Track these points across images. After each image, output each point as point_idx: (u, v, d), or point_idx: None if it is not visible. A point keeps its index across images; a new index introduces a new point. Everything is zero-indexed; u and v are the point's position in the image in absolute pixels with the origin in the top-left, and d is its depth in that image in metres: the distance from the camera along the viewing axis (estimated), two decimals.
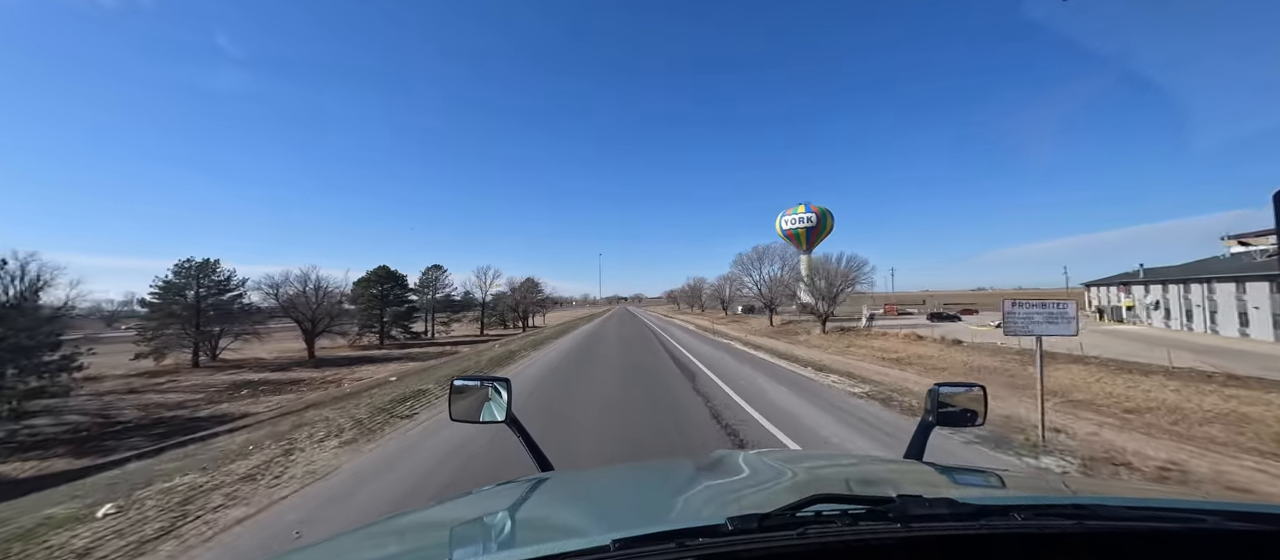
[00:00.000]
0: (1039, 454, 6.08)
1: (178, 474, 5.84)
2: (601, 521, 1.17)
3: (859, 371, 14.92)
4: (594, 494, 1.56)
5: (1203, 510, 0.88)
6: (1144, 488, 2.70)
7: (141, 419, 17.50)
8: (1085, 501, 1.02)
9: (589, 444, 6.70)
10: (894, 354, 23.27)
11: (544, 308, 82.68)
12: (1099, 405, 11.46)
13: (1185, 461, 5.95)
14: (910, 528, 0.79)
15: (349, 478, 5.55)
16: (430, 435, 7.28)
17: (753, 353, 19.85)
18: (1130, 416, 9.91)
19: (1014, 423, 7.47)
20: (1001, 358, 22.38)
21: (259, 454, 6.58)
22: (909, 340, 29.54)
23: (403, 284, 56.88)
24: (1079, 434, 7.16)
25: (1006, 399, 9.78)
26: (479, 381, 1.96)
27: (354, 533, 1.27)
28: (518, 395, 2.40)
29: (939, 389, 1.83)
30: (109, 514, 4.56)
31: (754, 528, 0.78)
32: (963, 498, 0.87)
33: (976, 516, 0.82)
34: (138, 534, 4.08)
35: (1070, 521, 0.84)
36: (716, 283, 69.57)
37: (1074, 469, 5.72)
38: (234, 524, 4.32)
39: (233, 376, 27.47)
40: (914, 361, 20.39)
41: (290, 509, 4.67)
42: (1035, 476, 3.11)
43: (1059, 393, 12.97)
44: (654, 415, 8.37)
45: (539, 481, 1.57)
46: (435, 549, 0.99)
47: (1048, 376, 7.92)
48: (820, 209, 70.56)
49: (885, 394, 10.10)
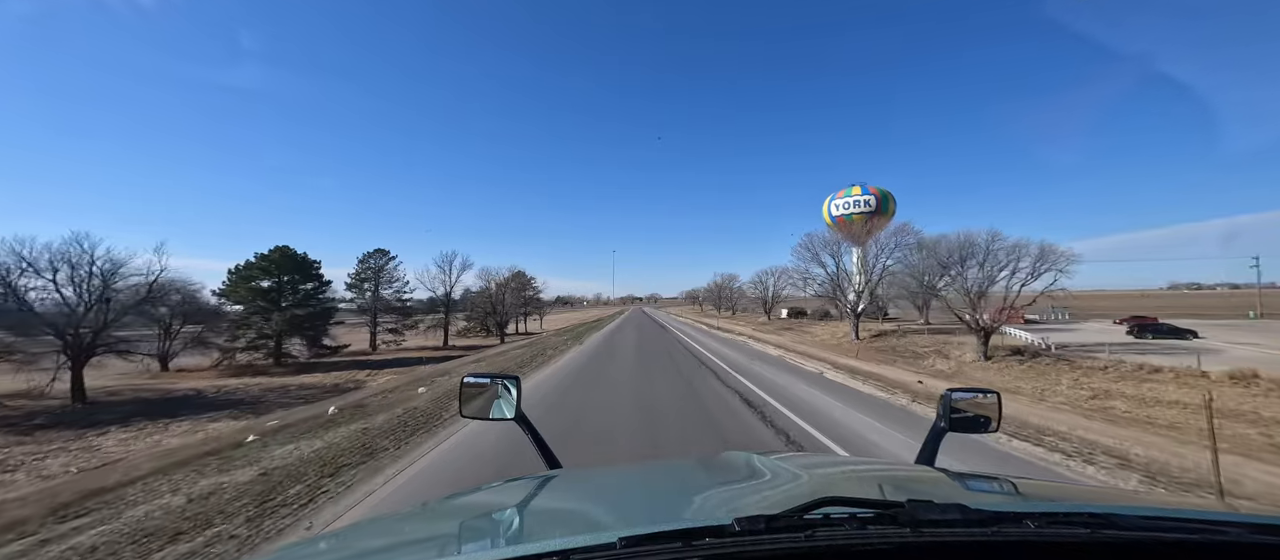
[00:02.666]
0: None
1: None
2: (608, 519, 1.17)
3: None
4: (602, 492, 1.56)
5: (1225, 521, 0.86)
6: (1163, 497, 2.76)
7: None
8: (1101, 510, 0.92)
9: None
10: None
11: (540, 309, 70.12)
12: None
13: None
14: (920, 533, 0.77)
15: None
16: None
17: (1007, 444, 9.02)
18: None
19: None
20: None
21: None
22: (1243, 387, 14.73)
23: (312, 273, 38.44)
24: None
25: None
26: (489, 379, 1.96)
27: (364, 526, 1.37)
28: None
29: (952, 394, 1.84)
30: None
31: (761, 529, 0.77)
32: (975, 504, 0.85)
33: (989, 523, 0.80)
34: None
35: (1085, 530, 0.80)
36: (758, 276, 54.83)
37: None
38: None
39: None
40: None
41: None
42: (1050, 484, 2.49)
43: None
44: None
45: (547, 478, 1.58)
46: (445, 543, 1.03)
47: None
48: (880, 191, 58.76)
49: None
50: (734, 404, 10.14)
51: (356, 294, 45.87)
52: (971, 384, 14.14)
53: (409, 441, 7.55)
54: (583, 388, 12.52)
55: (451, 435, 7.75)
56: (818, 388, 12.51)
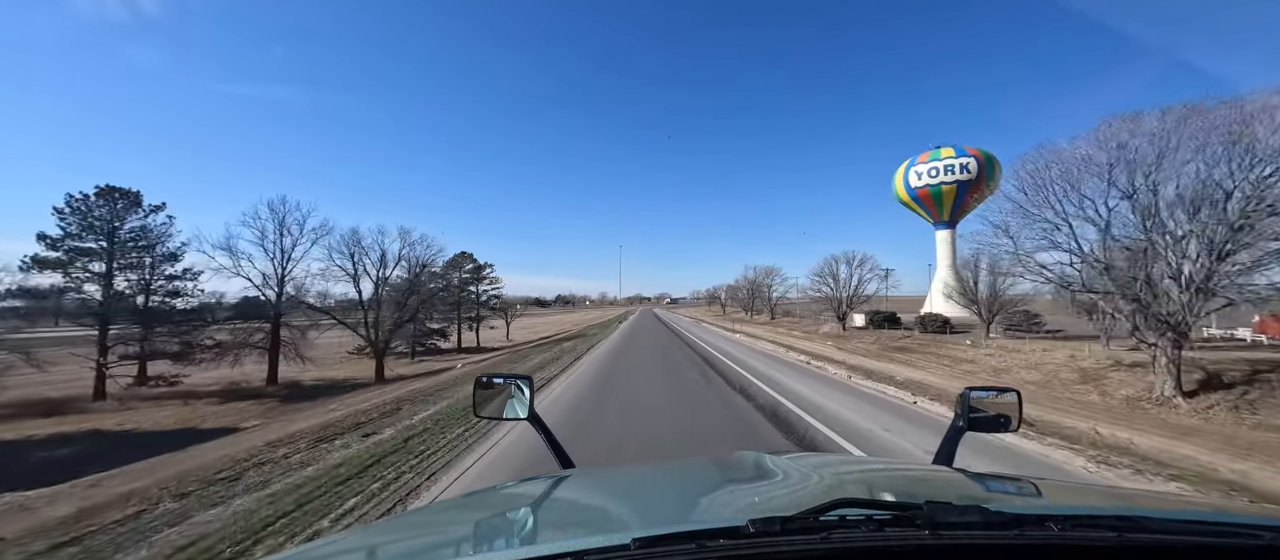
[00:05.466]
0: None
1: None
2: (622, 520, 1.15)
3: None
4: (615, 492, 1.53)
5: (1259, 526, 0.81)
6: (1194, 500, 2.59)
7: None
8: (1129, 513, 0.89)
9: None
10: None
11: (505, 312, 50.50)
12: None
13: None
14: (939, 536, 0.75)
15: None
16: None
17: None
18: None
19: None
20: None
21: None
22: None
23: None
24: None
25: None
26: (503, 379, 2.01)
27: (380, 525, 1.49)
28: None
29: (970, 393, 1.78)
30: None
31: (776, 530, 0.75)
32: (995, 506, 0.82)
33: (1010, 526, 0.77)
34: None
35: (1112, 534, 0.77)
36: (824, 265, 35.89)
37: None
38: None
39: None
40: None
41: None
42: (1074, 486, 2.45)
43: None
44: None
45: (561, 479, 1.57)
46: (460, 543, 1.01)
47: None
48: (982, 152, 43.53)
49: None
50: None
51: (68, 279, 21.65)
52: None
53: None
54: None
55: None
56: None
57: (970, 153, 43.20)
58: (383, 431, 8.95)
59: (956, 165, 43.04)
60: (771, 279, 55.41)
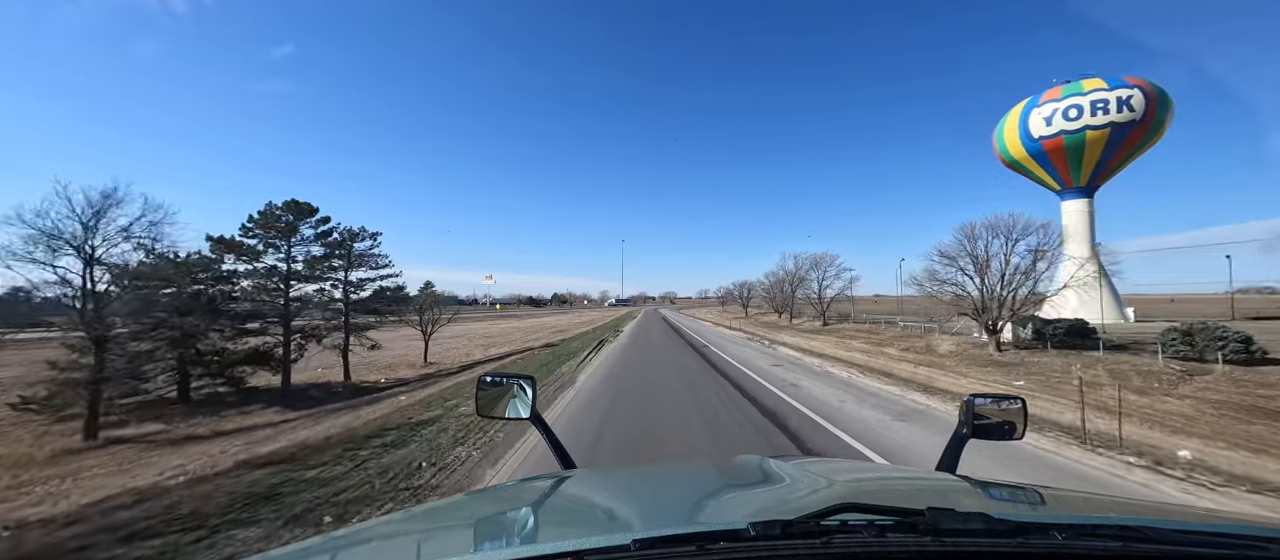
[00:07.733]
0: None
1: None
2: (623, 520, 1.13)
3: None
4: (616, 493, 1.49)
5: (1267, 538, 0.80)
6: (1201, 511, 2.47)
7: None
8: (1134, 523, 0.87)
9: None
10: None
11: (422, 314, 31.63)
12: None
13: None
14: (941, 542, 0.74)
15: None
16: None
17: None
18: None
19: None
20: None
21: None
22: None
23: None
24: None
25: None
26: (504, 379, 1.96)
27: (380, 523, 1.35)
28: None
29: (975, 400, 1.70)
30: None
31: (777, 534, 0.75)
32: (999, 513, 0.80)
33: (1013, 534, 0.76)
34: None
35: (1116, 544, 0.76)
36: (952, 247, 20.28)
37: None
38: None
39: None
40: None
41: None
42: (1077, 494, 1.79)
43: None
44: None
45: (562, 479, 1.55)
46: (460, 542, 1.00)
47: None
48: (1152, 86, 29.53)
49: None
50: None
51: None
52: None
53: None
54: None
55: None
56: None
57: (1133, 83, 29.19)
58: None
59: (1111, 100, 29.00)
60: (823, 270, 40.84)
